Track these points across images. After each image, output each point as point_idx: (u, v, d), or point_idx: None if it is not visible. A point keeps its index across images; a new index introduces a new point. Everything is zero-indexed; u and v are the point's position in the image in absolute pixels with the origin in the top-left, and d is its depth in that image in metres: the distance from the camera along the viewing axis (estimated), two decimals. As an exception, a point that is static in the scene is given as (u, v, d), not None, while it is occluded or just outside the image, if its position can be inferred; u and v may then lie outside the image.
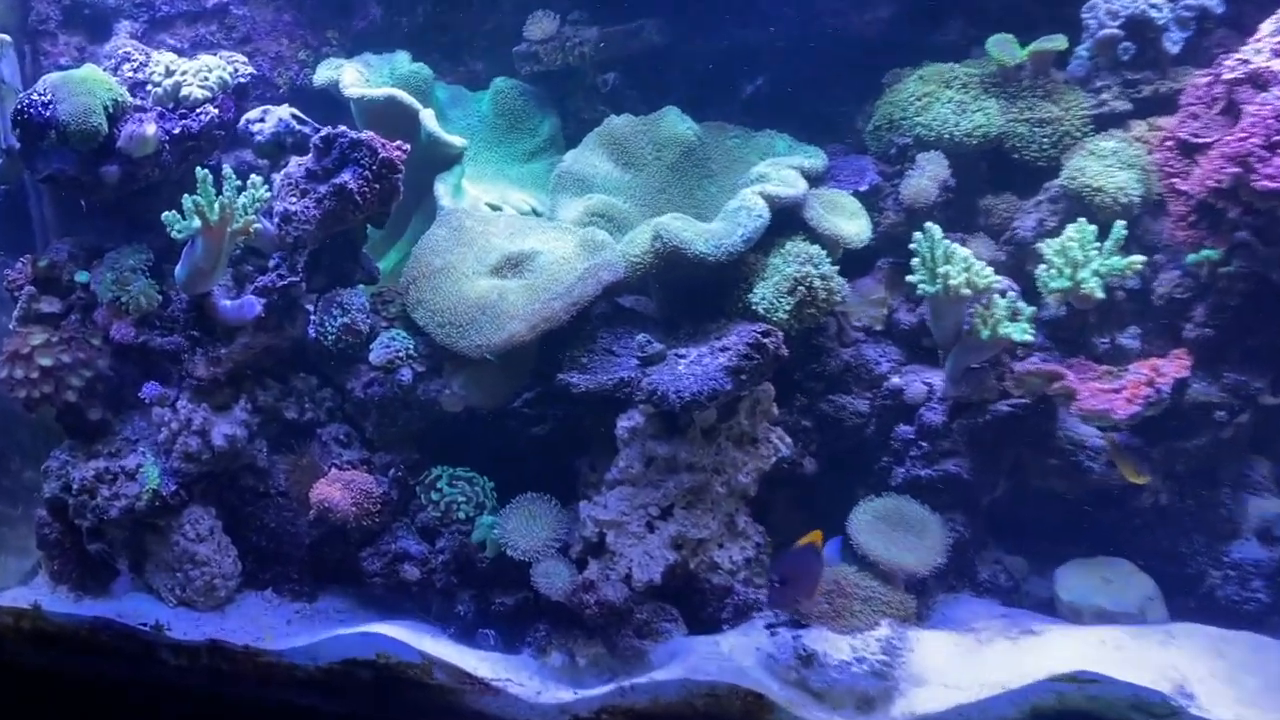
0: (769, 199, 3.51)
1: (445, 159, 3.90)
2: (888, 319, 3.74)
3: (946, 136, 3.67)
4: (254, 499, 3.87)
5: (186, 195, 3.34)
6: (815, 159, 3.76)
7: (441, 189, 3.79)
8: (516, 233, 3.72)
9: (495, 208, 4.00)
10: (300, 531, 3.83)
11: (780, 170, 3.68)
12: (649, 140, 4.00)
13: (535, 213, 4.10)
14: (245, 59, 3.81)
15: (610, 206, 3.84)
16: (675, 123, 3.97)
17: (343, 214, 3.50)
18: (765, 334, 3.32)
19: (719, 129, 4.08)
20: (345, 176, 3.48)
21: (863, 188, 3.68)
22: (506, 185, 4.23)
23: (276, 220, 3.57)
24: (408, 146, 3.51)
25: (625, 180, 3.96)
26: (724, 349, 3.41)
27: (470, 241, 3.66)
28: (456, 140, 3.85)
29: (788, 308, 3.44)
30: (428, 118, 3.81)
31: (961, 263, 3.25)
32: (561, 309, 3.42)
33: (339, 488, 3.64)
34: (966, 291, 3.24)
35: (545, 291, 3.47)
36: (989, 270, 3.27)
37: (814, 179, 3.72)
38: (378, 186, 3.50)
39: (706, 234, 3.47)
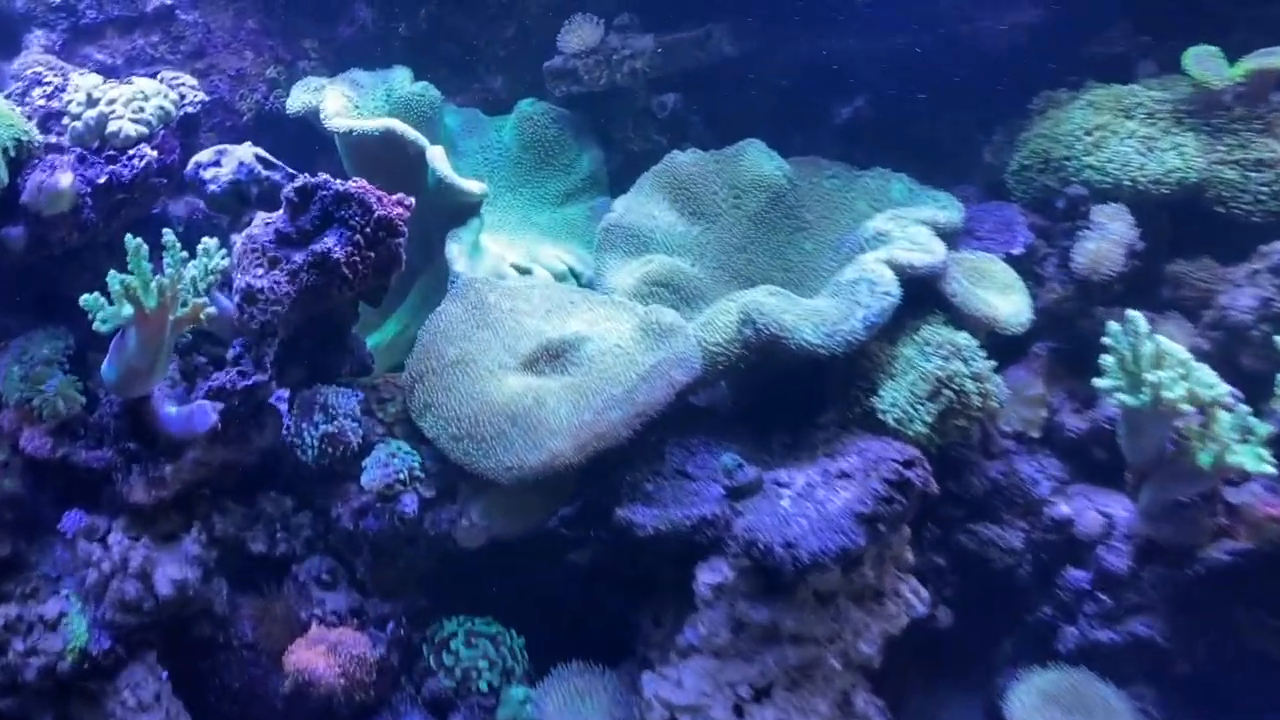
0: (898, 268, 2.65)
1: (459, 209, 3.03)
2: (1047, 422, 2.87)
3: (1128, 183, 2.82)
4: (212, 652, 3.00)
5: (114, 274, 2.46)
6: (949, 210, 2.90)
7: (455, 249, 2.92)
8: (556, 309, 2.84)
9: (523, 270, 3.11)
10: (272, 694, 2.95)
11: (906, 226, 2.81)
12: (724, 183, 3.13)
13: (573, 273, 3.22)
14: (195, 81, 2.92)
15: (675, 272, 2.97)
16: (759, 160, 3.10)
17: (326, 291, 2.63)
18: (908, 463, 2.45)
19: (812, 166, 3.21)
20: (329, 242, 2.61)
21: (1016, 250, 2.81)
22: (535, 237, 3.35)
23: (237, 298, 2.70)
24: (412, 201, 2.63)
25: (693, 236, 3.09)
26: (843, 475, 2.55)
27: (495, 323, 2.79)
28: (474, 187, 2.97)
29: (928, 418, 2.58)
30: (437, 158, 2.93)
31: (1178, 367, 2.37)
32: (621, 422, 2.55)
33: (322, 652, 2.79)
34: (1186, 407, 2.36)
35: (598, 396, 2.60)
36: (1215, 378, 2.40)
37: (948, 236, 2.84)
38: (372, 255, 2.63)
39: (815, 317, 2.61)
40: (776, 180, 3.14)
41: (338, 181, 2.68)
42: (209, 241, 2.66)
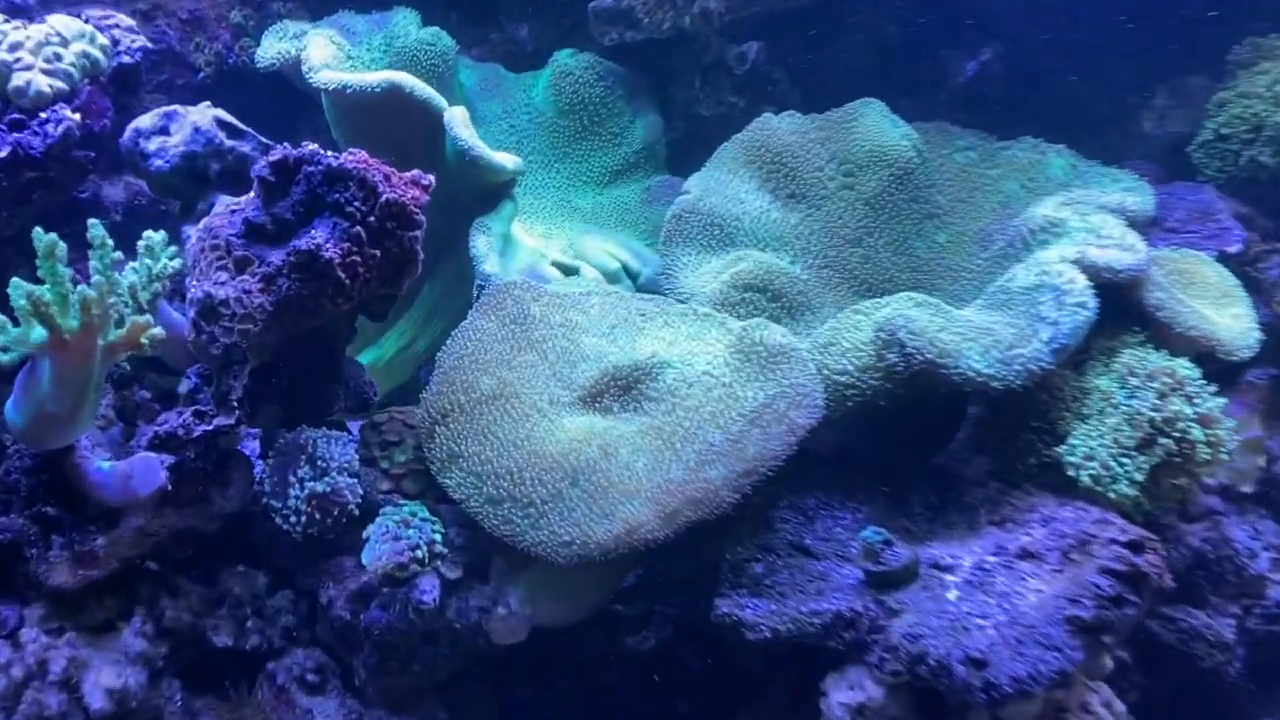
0: (1092, 271, 2.01)
1: (486, 190, 2.36)
2: (1264, 473, 2.20)
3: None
4: (164, 779, 2.32)
5: (18, 283, 1.77)
6: (1139, 193, 2.25)
7: (483, 244, 2.23)
8: (622, 323, 2.18)
9: (567, 270, 2.43)
10: (243, 828, 2.27)
11: (1087, 214, 2.15)
12: (831, 156, 2.47)
13: (627, 272, 2.55)
14: (133, 23, 2.21)
15: (773, 273, 2.31)
16: (880, 126, 2.44)
17: (314, 302, 1.96)
18: (1134, 545, 1.80)
19: (940, 135, 2.57)
20: (319, 236, 1.92)
21: (1232, 248, 2.14)
22: (578, 225, 2.68)
23: (193, 312, 2.01)
24: (430, 180, 1.94)
25: (791, 225, 2.42)
26: (1028, 555, 1.95)
27: (543, 343, 2.12)
28: (507, 161, 2.29)
29: (1137, 476, 1.92)
30: (459, 122, 2.25)
31: None
32: (724, 484, 1.90)
33: (311, 787, 2.11)
34: None
35: (689, 446, 1.94)
36: None
37: (1138, 227, 2.17)
38: (377, 254, 1.95)
39: (984, 338, 1.96)
40: (903, 153, 2.46)
41: (329, 154, 1.98)
42: (153, 236, 1.97)
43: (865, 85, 2.78)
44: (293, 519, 2.12)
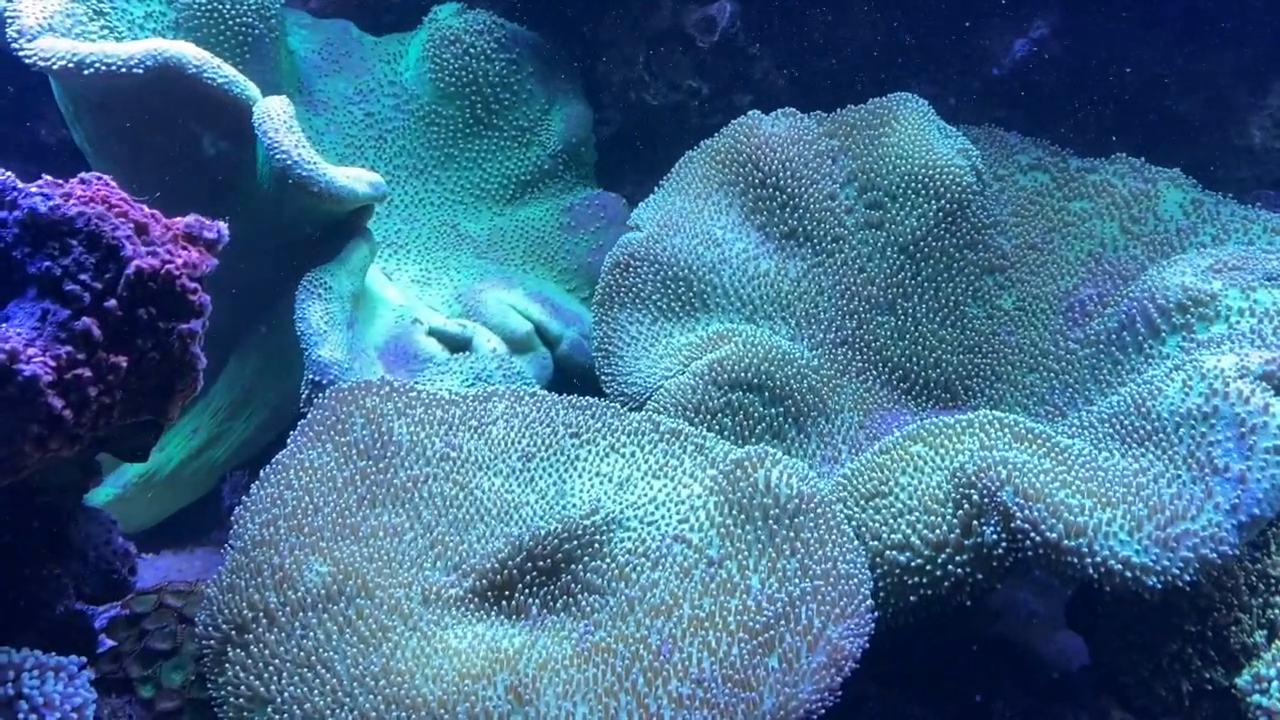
0: None
1: (324, 223, 1.53)
2: None
3: None
4: None
5: None
6: (1316, 254, 1.52)
7: (316, 315, 1.47)
8: (542, 451, 1.42)
9: (453, 341, 1.65)
10: None
11: (1253, 289, 1.44)
12: (850, 177, 1.76)
13: (544, 338, 1.79)
14: None
15: (770, 358, 1.61)
16: (923, 135, 1.75)
17: (8, 449, 1.09)
18: None
19: (995, 145, 1.85)
20: (14, 336, 1.08)
21: None
22: (468, 264, 1.93)
23: None
24: (219, 232, 1.13)
25: (792, 279, 1.72)
26: None
27: (412, 490, 1.38)
28: (356, 181, 1.48)
29: (1367, 723, 1.22)
30: (274, 118, 1.41)
31: None
32: None
33: None
34: None
35: (661, 682, 1.16)
36: None
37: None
38: (123, 361, 1.12)
39: (1129, 504, 1.23)
40: (957, 176, 1.72)
41: (36, 187, 1.15)
42: None
43: (876, 69, 2.03)
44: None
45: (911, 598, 1.35)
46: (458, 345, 1.70)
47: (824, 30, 2.08)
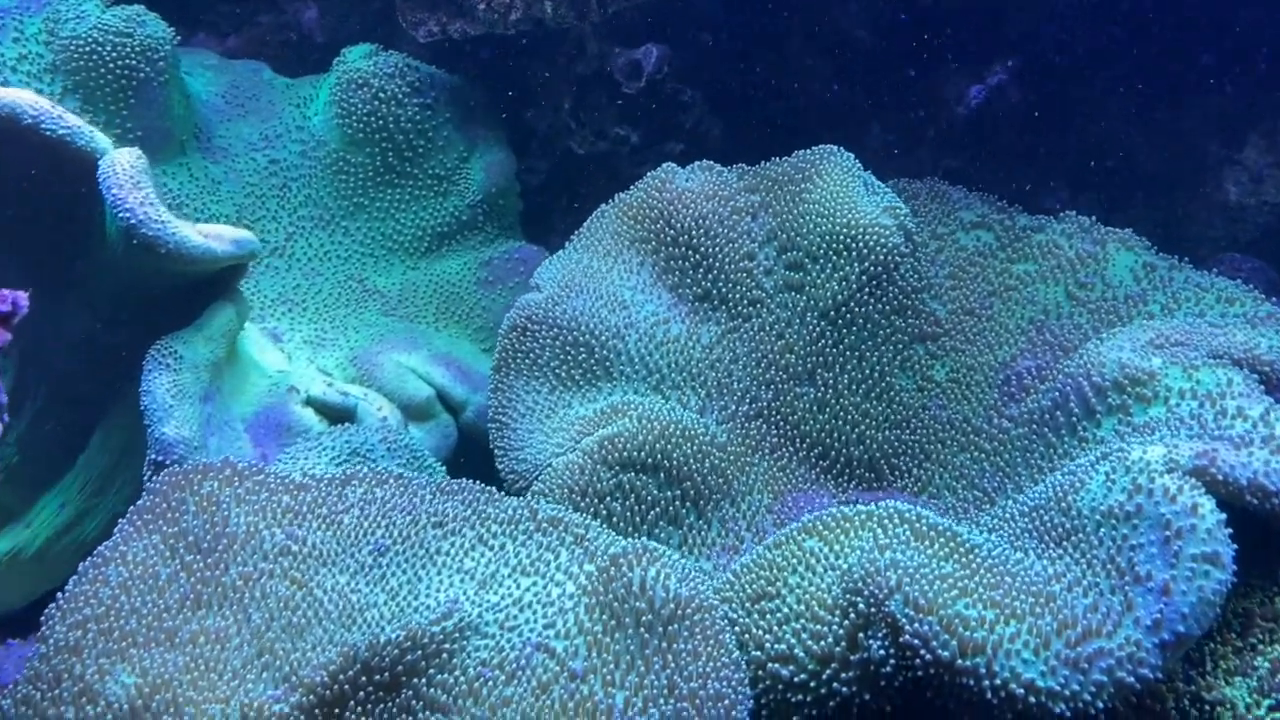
0: (1227, 490, 1.13)
1: (189, 284, 1.41)
2: None
3: None
4: None
5: None
6: (1272, 330, 1.38)
7: (162, 386, 1.34)
8: (400, 543, 1.30)
9: (334, 411, 1.54)
10: None
11: (1195, 368, 1.30)
12: (770, 235, 1.65)
13: (446, 404, 1.68)
14: None
15: (669, 434, 1.48)
16: (847, 192, 1.61)
17: None
18: None
19: (936, 202, 1.74)
20: None
21: None
22: (372, 322, 1.80)
23: None
24: (18, 301, 1.01)
25: (703, 346, 1.59)
26: None
27: (243, 588, 1.28)
28: (214, 240, 1.39)
29: None
30: (119, 174, 1.31)
31: None
32: None
33: None
34: None
35: None
36: None
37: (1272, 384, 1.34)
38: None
39: (1037, 616, 1.09)
40: (883, 237, 1.58)
41: None
42: None
43: (821, 116, 1.90)
44: None
45: (795, 718, 1.21)
46: (340, 416, 1.58)
47: (764, 75, 1.95)
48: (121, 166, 1.34)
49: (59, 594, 1.25)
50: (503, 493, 1.46)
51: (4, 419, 1.11)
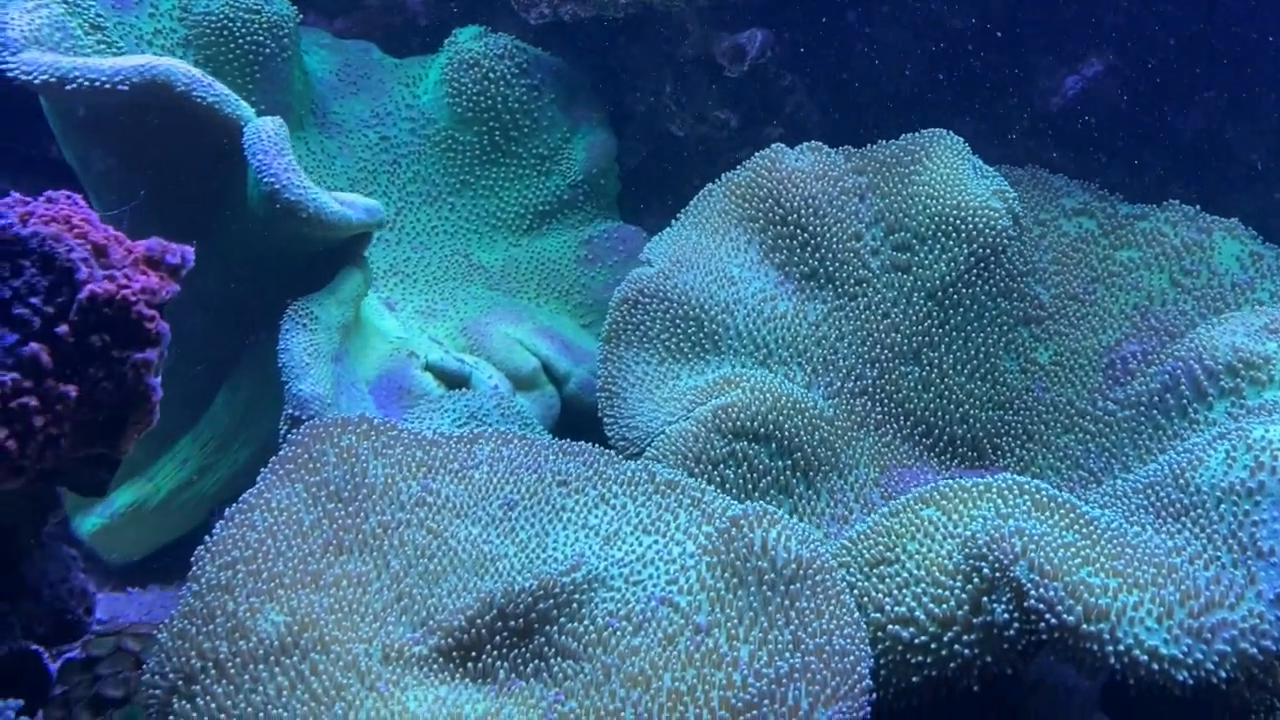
0: None
1: (318, 252, 1.46)
2: None
3: None
4: None
5: None
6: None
7: (300, 346, 1.39)
8: (526, 499, 1.34)
9: (450, 378, 1.57)
10: None
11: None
12: (878, 217, 1.66)
13: (551, 375, 1.71)
14: None
15: (781, 406, 1.51)
16: (957, 175, 1.64)
17: None
18: None
19: (1038, 188, 1.73)
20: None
21: None
22: (478, 296, 1.87)
23: None
24: (184, 257, 1.05)
25: (810, 323, 1.62)
26: None
27: (382, 536, 1.33)
28: (348, 208, 1.41)
29: None
30: (265, 141, 1.35)
31: None
32: None
33: None
34: None
35: None
36: None
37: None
38: (73, 391, 1.04)
39: (1159, 586, 1.11)
40: (992, 219, 1.61)
41: (-10, 202, 1.11)
42: None
43: (914, 104, 1.93)
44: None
45: (915, 678, 1.23)
46: (456, 381, 1.63)
47: (862, 63, 1.98)
48: (267, 133, 1.39)
49: (206, 537, 1.30)
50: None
51: (164, 352, 1.16)
